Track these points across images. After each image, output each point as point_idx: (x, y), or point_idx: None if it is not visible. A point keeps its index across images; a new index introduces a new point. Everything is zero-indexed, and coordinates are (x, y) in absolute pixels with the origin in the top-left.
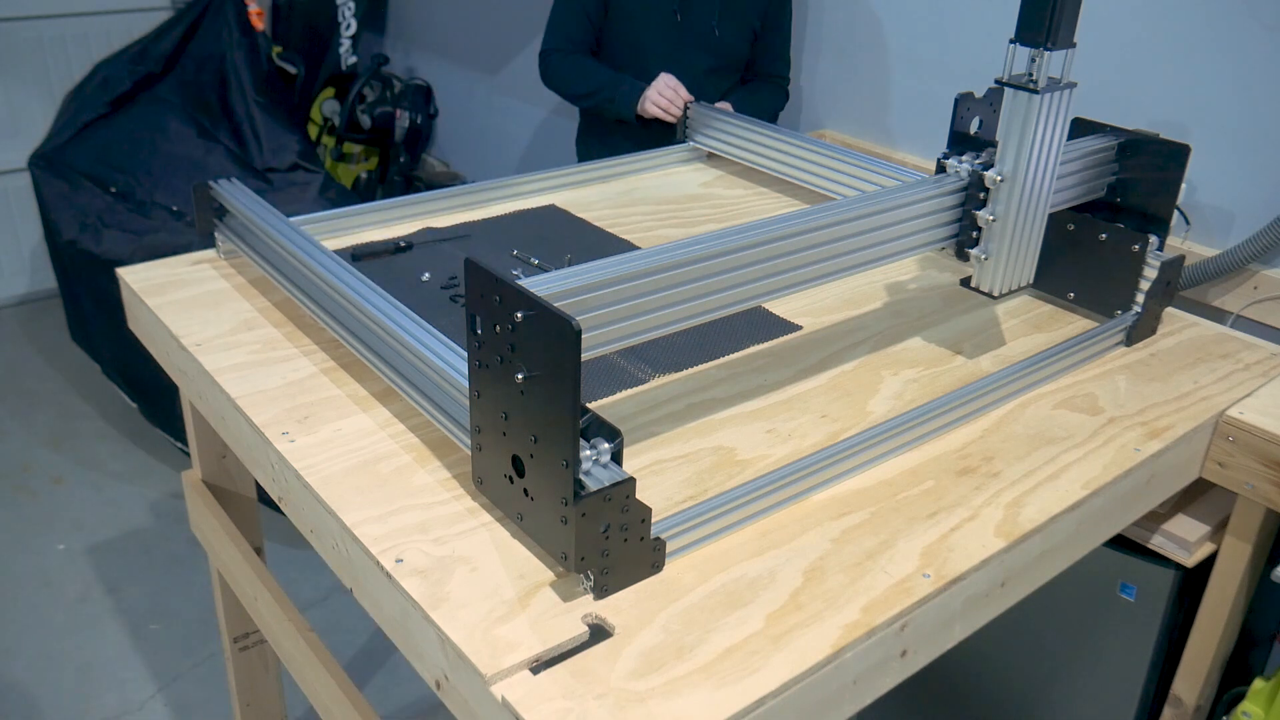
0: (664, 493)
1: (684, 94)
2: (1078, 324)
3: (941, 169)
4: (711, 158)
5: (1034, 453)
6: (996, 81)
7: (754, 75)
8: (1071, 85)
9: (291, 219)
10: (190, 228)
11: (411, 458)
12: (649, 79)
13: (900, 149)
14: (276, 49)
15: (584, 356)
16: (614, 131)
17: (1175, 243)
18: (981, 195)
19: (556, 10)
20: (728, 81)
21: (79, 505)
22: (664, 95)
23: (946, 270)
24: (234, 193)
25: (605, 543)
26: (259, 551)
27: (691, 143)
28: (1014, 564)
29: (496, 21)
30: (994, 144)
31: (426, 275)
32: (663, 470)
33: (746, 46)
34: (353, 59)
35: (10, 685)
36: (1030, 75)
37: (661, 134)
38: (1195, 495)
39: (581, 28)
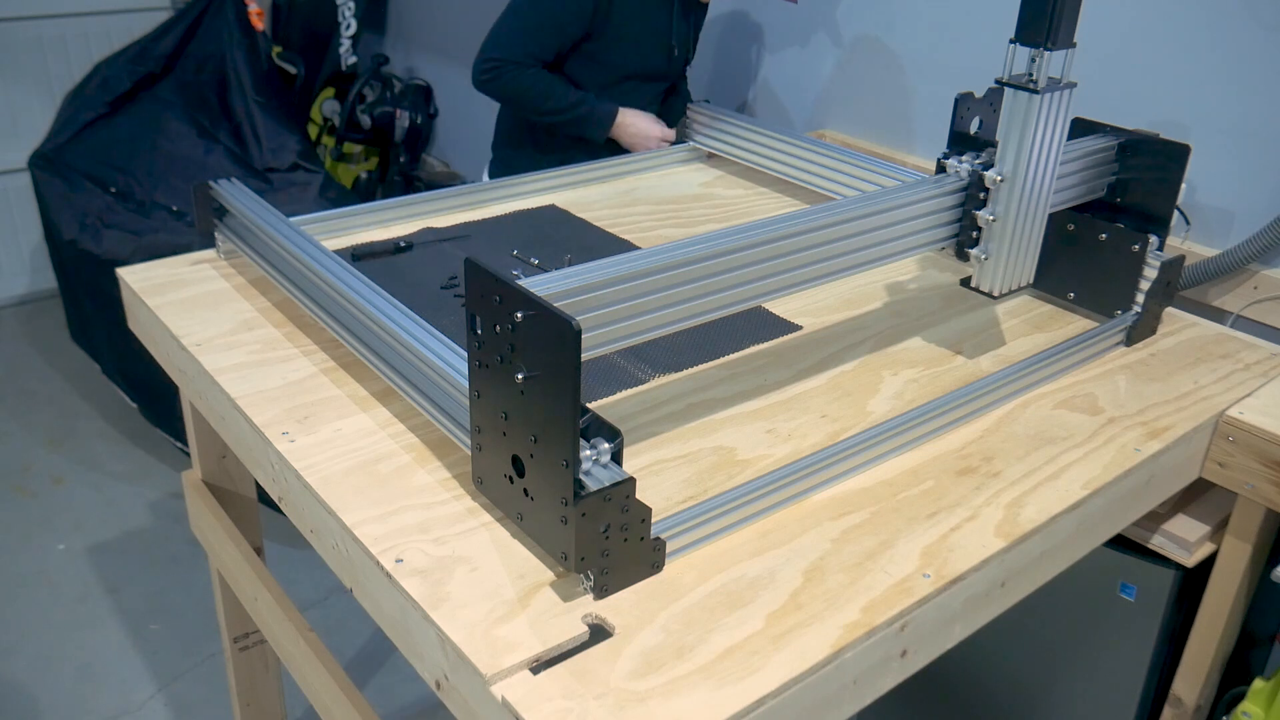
0: (664, 493)
1: (670, 135)
2: (1078, 324)
3: (941, 169)
4: (711, 158)
5: (1034, 453)
6: (996, 81)
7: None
8: (1071, 85)
9: (291, 219)
10: (190, 228)
11: (411, 458)
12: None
13: (900, 149)
14: (276, 49)
15: (584, 356)
16: (544, 140)
17: (1175, 243)
18: (981, 195)
19: (520, 20)
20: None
21: (79, 505)
22: (665, 142)
23: (946, 270)
24: (234, 193)
25: (605, 543)
26: (259, 551)
27: (691, 143)
28: (1014, 564)
29: None
30: (994, 144)
31: (427, 275)
32: (663, 470)
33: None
34: (353, 59)
35: (10, 685)
36: (1030, 75)
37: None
38: (1195, 495)
39: (548, 48)
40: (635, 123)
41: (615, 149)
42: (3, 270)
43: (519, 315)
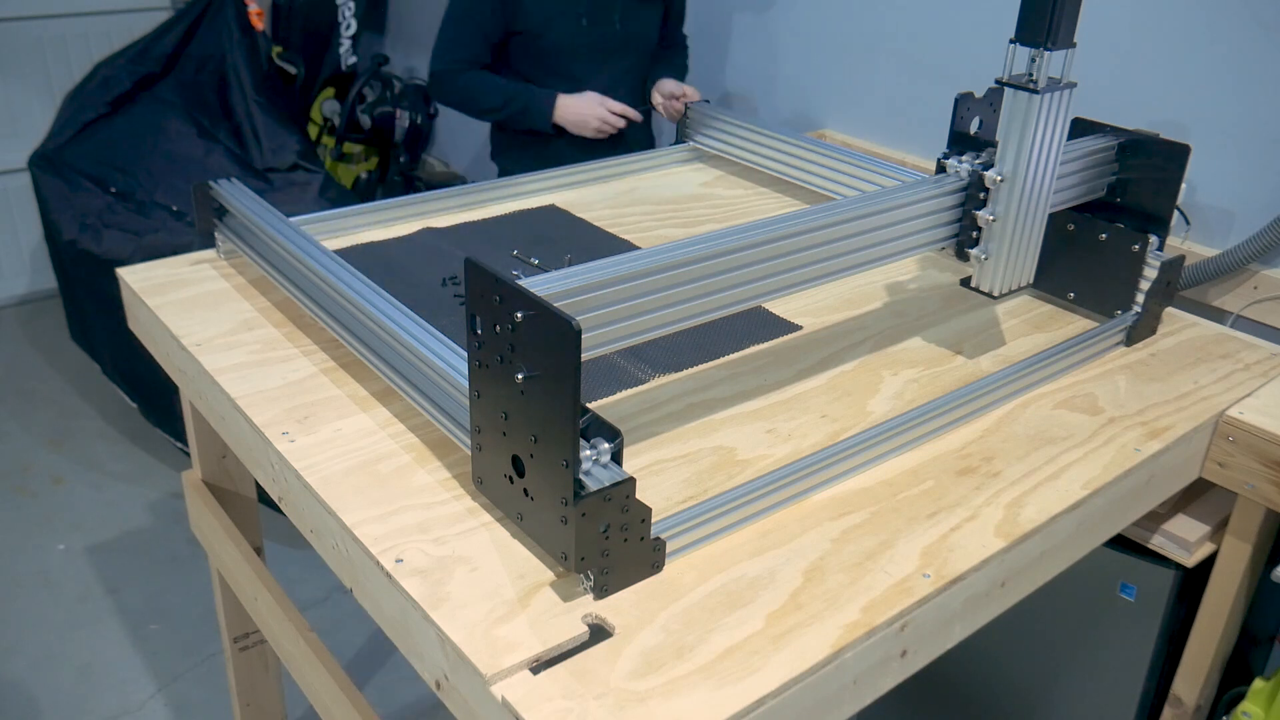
0: (664, 493)
1: (617, 108)
2: (1078, 324)
3: (941, 169)
4: (711, 158)
5: (1034, 453)
6: (996, 81)
7: (662, 46)
8: (1071, 85)
9: (291, 219)
10: (190, 228)
11: (411, 458)
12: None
13: (900, 149)
14: (276, 49)
15: (584, 356)
16: (531, 142)
17: (1175, 243)
18: (981, 195)
19: (447, 31)
20: (642, 69)
21: (79, 505)
22: (606, 120)
23: (946, 270)
24: (234, 193)
25: (605, 543)
26: (259, 551)
27: (691, 143)
28: (1014, 564)
29: None
30: (994, 144)
31: (427, 275)
32: (663, 470)
33: (656, 32)
34: (353, 59)
35: (10, 685)
36: (1030, 75)
37: (586, 142)
38: (1195, 495)
39: (477, 50)
40: (571, 105)
41: (587, 142)
42: (3, 270)
43: (519, 315)
